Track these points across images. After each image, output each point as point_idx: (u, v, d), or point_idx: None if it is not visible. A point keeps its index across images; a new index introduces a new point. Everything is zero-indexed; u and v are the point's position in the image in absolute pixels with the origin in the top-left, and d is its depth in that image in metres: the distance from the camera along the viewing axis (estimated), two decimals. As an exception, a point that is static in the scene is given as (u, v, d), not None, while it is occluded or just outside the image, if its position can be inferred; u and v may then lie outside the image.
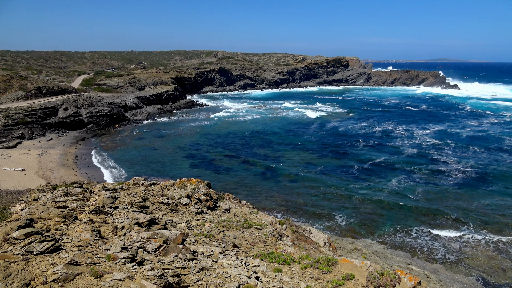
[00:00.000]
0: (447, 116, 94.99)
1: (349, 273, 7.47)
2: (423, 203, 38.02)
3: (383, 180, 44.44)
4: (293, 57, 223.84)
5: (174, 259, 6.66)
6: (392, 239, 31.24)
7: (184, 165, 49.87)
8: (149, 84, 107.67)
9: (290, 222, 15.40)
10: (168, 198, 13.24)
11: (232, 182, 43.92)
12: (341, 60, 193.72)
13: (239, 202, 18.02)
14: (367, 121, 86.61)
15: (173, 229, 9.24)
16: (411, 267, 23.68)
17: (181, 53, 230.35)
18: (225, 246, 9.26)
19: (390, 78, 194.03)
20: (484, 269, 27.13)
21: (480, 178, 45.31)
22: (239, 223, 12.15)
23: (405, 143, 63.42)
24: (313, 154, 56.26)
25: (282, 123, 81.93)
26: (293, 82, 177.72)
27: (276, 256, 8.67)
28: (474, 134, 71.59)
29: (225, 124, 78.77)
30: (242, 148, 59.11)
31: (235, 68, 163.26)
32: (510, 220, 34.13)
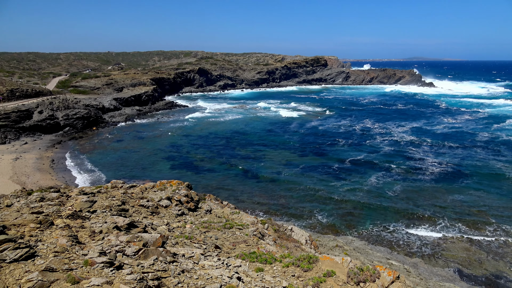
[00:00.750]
0: (423, 114, 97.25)
1: (330, 270, 7.54)
2: (401, 199, 38.80)
3: (363, 178, 45.11)
4: (272, 57, 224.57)
5: (154, 262, 6.57)
6: (373, 235, 31.75)
7: (164, 167, 49.32)
8: (127, 85, 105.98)
9: (272, 221, 15.44)
10: (148, 200, 13.06)
11: (214, 183, 43.73)
12: (320, 60, 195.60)
13: (221, 202, 17.94)
14: (346, 119, 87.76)
15: (153, 232, 9.11)
16: (391, 262, 24.13)
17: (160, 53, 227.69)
18: (206, 247, 9.19)
19: (367, 77, 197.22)
20: (461, 261, 27.89)
21: (455, 174, 46.57)
22: (221, 224, 12.09)
23: (383, 141, 64.57)
24: (294, 153, 56.60)
25: (263, 123, 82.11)
26: (273, 81, 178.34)
27: (258, 255, 8.67)
28: (449, 131, 73.55)
29: (205, 125, 78.34)
30: (223, 148, 58.93)
31: (215, 68, 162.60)
32: (485, 214, 35.22)
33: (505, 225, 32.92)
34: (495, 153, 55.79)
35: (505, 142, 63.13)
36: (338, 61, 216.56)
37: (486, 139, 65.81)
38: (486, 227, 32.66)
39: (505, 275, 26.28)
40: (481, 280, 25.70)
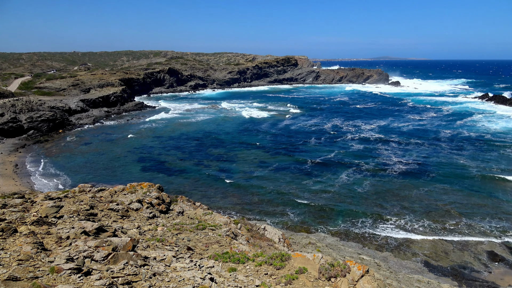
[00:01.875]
0: (391, 112, 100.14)
1: (302, 267, 7.65)
2: (371, 195, 39.81)
3: (334, 175, 45.94)
4: (243, 57, 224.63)
5: (124, 266, 6.44)
6: (344, 231, 32.42)
7: (135, 169, 48.34)
8: (94, 86, 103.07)
9: (245, 221, 15.48)
10: (117, 204, 12.77)
11: (186, 184, 43.31)
12: (290, 59, 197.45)
13: (193, 204, 17.80)
14: (317, 118, 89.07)
15: (123, 236, 8.93)
16: (363, 257, 24.72)
17: (128, 53, 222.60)
18: (178, 249, 9.10)
19: (337, 76, 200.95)
20: (428, 254, 28.96)
21: (421, 169, 48.26)
22: (193, 225, 12.00)
23: (353, 139, 66.01)
24: (266, 152, 56.89)
25: (235, 123, 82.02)
26: (244, 81, 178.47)
27: (230, 255, 8.68)
28: (415, 128, 76.14)
29: (177, 126, 77.37)
30: (195, 149, 58.42)
31: (185, 68, 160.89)
32: (449, 208, 36.71)
33: (468, 218, 34.44)
34: (458, 149, 58.24)
35: (467, 138, 66.03)
36: (308, 61, 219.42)
37: (449, 135, 68.58)
38: (451, 220, 34.04)
39: (470, 265, 27.51)
40: (448, 271, 26.79)
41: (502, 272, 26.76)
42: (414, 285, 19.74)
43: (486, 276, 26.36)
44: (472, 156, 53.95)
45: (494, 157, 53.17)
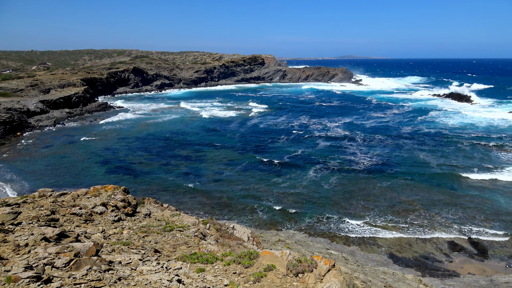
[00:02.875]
0: (355, 109, 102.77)
1: (270, 264, 7.71)
2: (338, 191, 40.71)
3: (302, 172, 46.59)
4: (210, 56, 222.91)
5: (88, 272, 6.24)
6: (313, 227, 32.97)
7: (100, 172, 46.88)
8: (55, 87, 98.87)
9: (214, 220, 15.40)
10: (81, 208, 12.35)
11: (154, 185, 42.50)
12: (257, 58, 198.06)
13: (161, 205, 17.50)
14: (284, 116, 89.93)
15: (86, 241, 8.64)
16: (331, 252, 25.25)
17: (90, 52, 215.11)
18: (145, 252, 8.92)
19: (303, 75, 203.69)
20: (393, 246, 30.01)
21: (385, 165, 49.87)
22: (161, 227, 11.80)
23: (320, 136, 67.18)
24: (235, 151, 56.81)
25: (203, 122, 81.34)
26: (211, 80, 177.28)
27: (199, 256, 8.60)
28: (379, 125, 78.56)
29: (143, 126, 75.71)
30: (162, 149, 57.40)
31: (151, 68, 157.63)
32: (412, 201, 38.17)
33: (429, 211, 35.95)
34: (419, 144, 60.64)
35: (427, 134, 68.92)
36: (275, 60, 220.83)
37: (410, 131, 71.28)
38: (413, 213, 35.40)
39: (432, 256, 28.75)
40: (412, 262, 27.87)
41: (462, 260, 28.15)
42: (380, 277, 20.36)
43: (447, 265, 27.64)
44: (432, 150, 56.33)
45: (452, 151, 55.78)
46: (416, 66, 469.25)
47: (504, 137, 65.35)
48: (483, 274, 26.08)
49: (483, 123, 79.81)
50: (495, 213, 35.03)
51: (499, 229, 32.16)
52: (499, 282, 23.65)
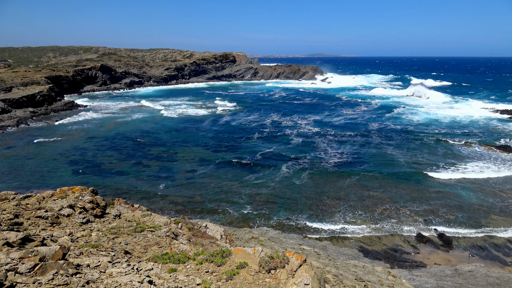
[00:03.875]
0: (326, 106, 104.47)
1: (242, 262, 7.74)
2: (309, 187, 41.30)
3: (274, 169, 46.92)
4: (180, 53, 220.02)
5: (54, 276, 6.04)
6: (286, 223, 33.32)
7: (67, 173, 45.36)
8: (17, 85, 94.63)
9: (186, 220, 15.25)
10: (46, 211, 11.91)
11: (124, 185, 41.59)
12: (228, 56, 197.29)
13: (131, 206, 17.15)
14: (256, 114, 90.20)
15: (53, 244, 8.36)
16: (303, 247, 25.59)
17: (55, 49, 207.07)
18: (115, 254, 8.73)
19: (275, 73, 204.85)
20: (363, 240, 30.80)
21: (355, 160, 51.04)
22: (131, 228, 11.58)
23: (291, 133, 67.85)
24: (207, 149, 56.46)
25: (174, 121, 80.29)
26: (182, 78, 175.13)
27: (170, 256, 8.52)
28: (349, 121, 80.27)
29: (112, 125, 73.82)
30: (132, 149, 56.22)
31: (119, 65, 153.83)
32: (381, 195, 39.28)
33: (397, 204, 37.12)
34: (387, 140, 62.45)
35: (394, 130, 71.12)
36: (246, 57, 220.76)
37: (379, 127, 73.31)
38: (383, 207, 36.44)
39: (400, 248, 29.72)
40: (381, 254, 28.70)
41: (429, 251, 29.27)
42: (351, 270, 20.85)
43: (415, 256, 28.67)
44: (398, 146, 58.14)
45: (418, 147, 57.79)
46: (383, 64, 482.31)
47: (467, 133, 68.35)
48: (448, 264, 27.21)
49: (446, 118, 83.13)
50: (458, 205, 36.61)
51: (462, 221, 33.65)
52: (463, 271, 24.75)
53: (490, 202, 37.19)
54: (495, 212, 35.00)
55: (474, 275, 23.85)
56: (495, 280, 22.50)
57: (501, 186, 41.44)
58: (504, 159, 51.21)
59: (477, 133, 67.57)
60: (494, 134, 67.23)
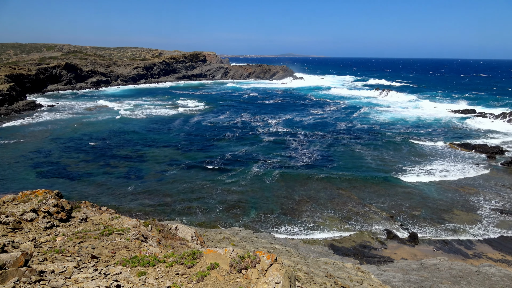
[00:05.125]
0: (296, 106, 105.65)
1: (213, 263, 7.71)
2: (280, 186, 41.65)
3: (246, 169, 46.98)
4: (149, 52, 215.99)
5: (15, 284, 5.79)
6: (257, 223, 33.44)
7: (30, 177, 43.48)
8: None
9: (156, 222, 15.01)
10: (7, 216, 11.39)
11: (92, 188, 40.37)
12: (198, 55, 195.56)
13: (99, 209, 16.68)
14: (227, 113, 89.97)
15: (14, 251, 8.01)
16: (275, 246, 25.78)
17: (16, 46, 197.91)
18: (81, 259, 8.48)
19: (245, 72, 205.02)
20: (334, 237, 31.38)
21: (325, 159, 51.94)
22: (98, 231, 11.28)
23: (262, 133, 68.17)
24: (177, 150, 55.74)
25: (143, 121, 78.73)
26: (152, 77, 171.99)
27: (139, 259, 8.36)
28: (318, 121, 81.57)
29: (78, 126, 71.42)
30: (100, 150, 54.63)
31: (85, 64, 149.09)
32: (350, 192, 40.17)
33: (366, 201, 38.11)
34: (355, 139, 64.00)
35: (361, 129, 73.04)
36: (217, 57, 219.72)
37: (347, 127, 75.03)
38: (351, 204, 37.30)
39: (369, 244, 30.51)
40: (350, 251, 29.35)
41: (395, 246, 30.21)
42: (321, 267, 21.21)
43: (382, 252, 29.51)
44: (366, 144, 59.70)
45: (384, 145, 59.57)
46: (352, 65, 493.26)
47: (430, 131, 71.13)
48: (414, 258, 28.19)
49: (411, 118, 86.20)
50: (423, 202, 38.01)
51: (426, 217, 34.97)
52: (428, 265, 25.72)
53: (452, 198, 38.87)
54: (457, 208, 36.60)
55: (438, 268, 24.84)
56: (458, 273, 23.53)
57: (462, 182, 43.39)
58: (464, 156, 53.67)
59: (440, 132, 70.49)
60: (455, 132, 70.41)
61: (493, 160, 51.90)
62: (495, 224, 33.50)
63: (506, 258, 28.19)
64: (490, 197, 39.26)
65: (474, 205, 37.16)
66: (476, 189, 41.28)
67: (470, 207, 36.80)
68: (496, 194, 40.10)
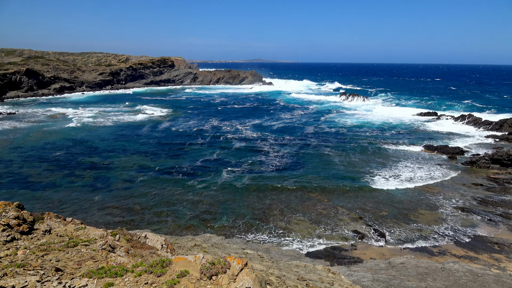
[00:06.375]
0: (266, 110, 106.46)
1: (183, 270, 7.64)
2: (251, 191, 41.72)
3: (216, 174, 46.75)
4: (115, 57, 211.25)
5: (-27, 302, 5.52)
6: (229, 229, 33.30)
7: (-12, 187, 41.33)
8: None
9: (124, 231, 14.63)
10: (-37, 230, 10.79)
11: (56, 198, 38.84)
12: (166, 60, 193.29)
13: (64, 220, 16.09)
14: (196, 119, 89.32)
15: (-29, 267, 7.60)
16: (247, 251, 25.75)
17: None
18: (44, 272, 8.16)
19: (214, 78, 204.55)
20: (305, 239, 31.72)
21: (295, 162, 52.55)
22: (63, 243, 10.88)
23: (232, 138, 68.14)
24: (147, 157, 54.70)
25: (110, 128, 76.73)
26: (118, 83, 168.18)
27: (107, 270, 8.15)
28: (287, 125, 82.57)
29: (40, 134, 68.62)
30: (64, 159, 52.71)
31: (48, 69, 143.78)
32: (320, 195, 40.80)
33: (334, 202, 38.83)
34: (323, 142, 65.24)
35: (329, 132, 74.66)
36: (185, 62, 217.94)
37: (316, 131, 76.35)
38: (321, 206, 37.87)
39: (339, 245, 31.05)
40: (322, 253, 29.75)
41: (364, 247, 30.91)
42: (293, 270, 21.38)
43: (352, 252, 30.11)
44: (335, 147, 60.99)
45: (352, 148, 61.05)
46: (319, 70, 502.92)
47: (395, 134, 73.60)
48: (383, 257, 28.95)
49: (377, 121, 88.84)
50: (390, 202, 39.20)
51: (393, 216, 36.06)
52: (395, 264, 26.49)
53: (417, 198, 40.31)
54: (422, 207, 37.97)
55: (405, 266, 25.64)
56: (424, 270, 24.37)
57: (426, 183, 45.10)
58: (427, 157, 55.87)
59: (404, 134, 73.10)
60: (418, 134, 73.22)
61: (454, 160, 54.29)
62: (457, 221, 35.00)
63: (469, 254, 29.48)
64: (452, 196, 41.06)
65: (438, 204, 38.71)
66: (439, 189, 43.03)
67: (434, 206, 38.30)
68: (457, 193, 41.96)
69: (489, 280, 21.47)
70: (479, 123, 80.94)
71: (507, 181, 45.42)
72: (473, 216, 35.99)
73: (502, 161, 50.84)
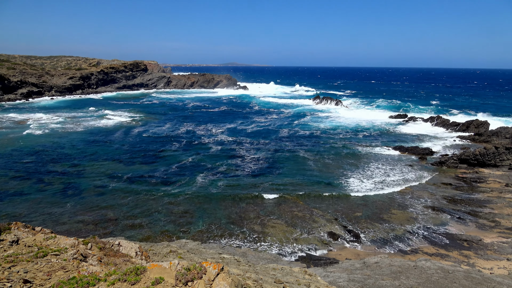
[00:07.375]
0: (240, 114, 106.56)
1: (158, 277, 7.52)
2: (227, 196, 41.51)
3: (191, 179, 46.31)
4: (86, 61, 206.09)
5: None
6: (205, 234, 33.03)
7: (-50, 198, 39.30)
8: None
9: (96, 239, 14.22)
10: None
11: (24, 207, 37.34)
12: (139, 64, 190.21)
13: (32, 229, 15.48)
14: (170, 123, 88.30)
15: None
16: (223, 256, 25.59)
17: None
18: (11, 285, 7.83)
19: (189, 82, 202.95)
20: (281, 242, 31.86)
21: (270, 165, 52.80)
22: (31, 254, 10.47)
23: (207, 142, 67.76)
24: (119, 163, 53.53)
25: (81, 134, 74.62)
26: (89, 87, 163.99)
27: (78, 280, 7.91)
28: (263, 129, 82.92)
29: (6, 141, 65.86)
30: (32, 166, 50.80)
31: (14, 73, 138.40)
32: (296, 197, 41.12)
33: (310, 204, 39.24)
34: (298, 145, 65.91)
35: (303, 135, 75.58)
36: (158, 66, 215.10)
37: (291, 134, 77.13)
38: (297, 209, 38.17)
39: (315, 247, 31.37)
40: (298, 255, 29.96)
41: (340, 248, 31.37)
42: (270, 274, 21.40)
43: (328, 254, 30.48)
44: (309, 150, 61.72)
45: (326, 149, 62.01)
46: (296, 74, 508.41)
47: (367, 136, 75.30)
48: (358, 258, 29.44)
49: (351, 124, 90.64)
50: (363, 203, 40.00)
51: (367, 217, 36.80)
52: (370, 263, 26.99)
53: (389, 199, 41.32)
54: (394, 207, 38.95)
55: (380, 265, 26.17)
56: (398, 268, 24.95)
57: (398, 183, 46.32)
58: (398, 158, 57.50)
59: (376, 136, 74.93)
60: (390, 136, 75.26)
61: (424, 161, 56.05)
62: (428, 220, 36.10)
63: (440, 251, 30.44)
64: (422, 195, 42.35)
65: (409, 204, 39.82)
66: (410, 189, 44.30)
67: (405, 206, 39.36)
68: (428, 192, 43.33)
69: (459, 276, 22.22)
70: (447, 124, 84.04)
71: (474, 180, 47.29)
72: (443, 215, 37.23)
73: (469, 160, 52.92)
